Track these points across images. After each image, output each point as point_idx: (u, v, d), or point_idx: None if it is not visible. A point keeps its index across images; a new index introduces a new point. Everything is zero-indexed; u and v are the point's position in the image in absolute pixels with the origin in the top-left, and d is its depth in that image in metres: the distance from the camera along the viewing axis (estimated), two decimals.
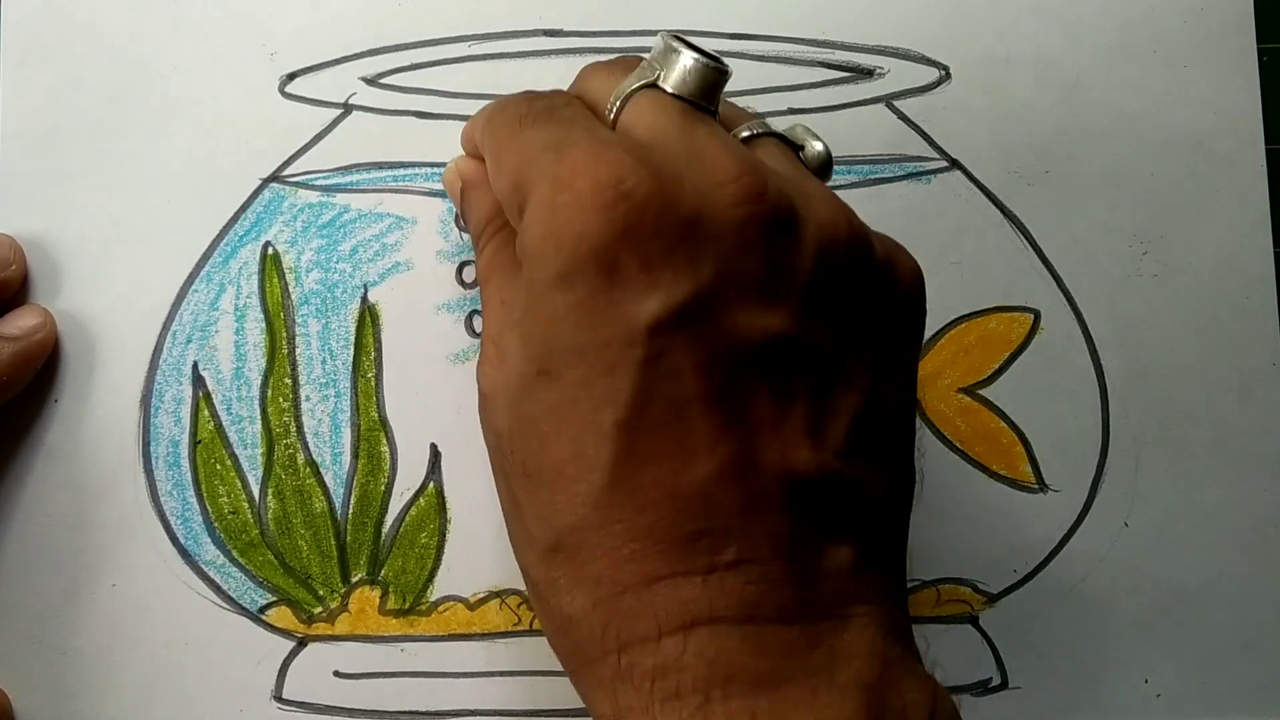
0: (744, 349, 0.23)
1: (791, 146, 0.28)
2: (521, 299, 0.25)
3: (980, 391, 0.38)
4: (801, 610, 0.23)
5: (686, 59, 0.26)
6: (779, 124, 0.29)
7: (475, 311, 0.38)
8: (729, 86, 0.28)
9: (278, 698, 0.37)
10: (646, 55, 0.28)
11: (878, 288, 0.26)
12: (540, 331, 0.24)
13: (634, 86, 0.27)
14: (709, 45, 0.38)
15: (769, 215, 0.24)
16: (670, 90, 0.26)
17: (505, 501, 0.27)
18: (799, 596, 0.23)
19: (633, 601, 0.23)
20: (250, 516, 0.37)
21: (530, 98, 0.29)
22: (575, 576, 0.24)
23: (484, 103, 0.38)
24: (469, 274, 0.38)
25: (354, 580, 0.37)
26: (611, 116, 0.27)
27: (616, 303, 0.23)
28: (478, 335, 0.38)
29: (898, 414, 0.27)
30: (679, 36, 0.27)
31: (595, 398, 0.23)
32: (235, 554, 0.37)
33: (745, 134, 0.28)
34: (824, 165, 0.28)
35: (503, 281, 0.28)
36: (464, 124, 0.32)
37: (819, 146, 0.28)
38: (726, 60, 0.27)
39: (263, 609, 0.37)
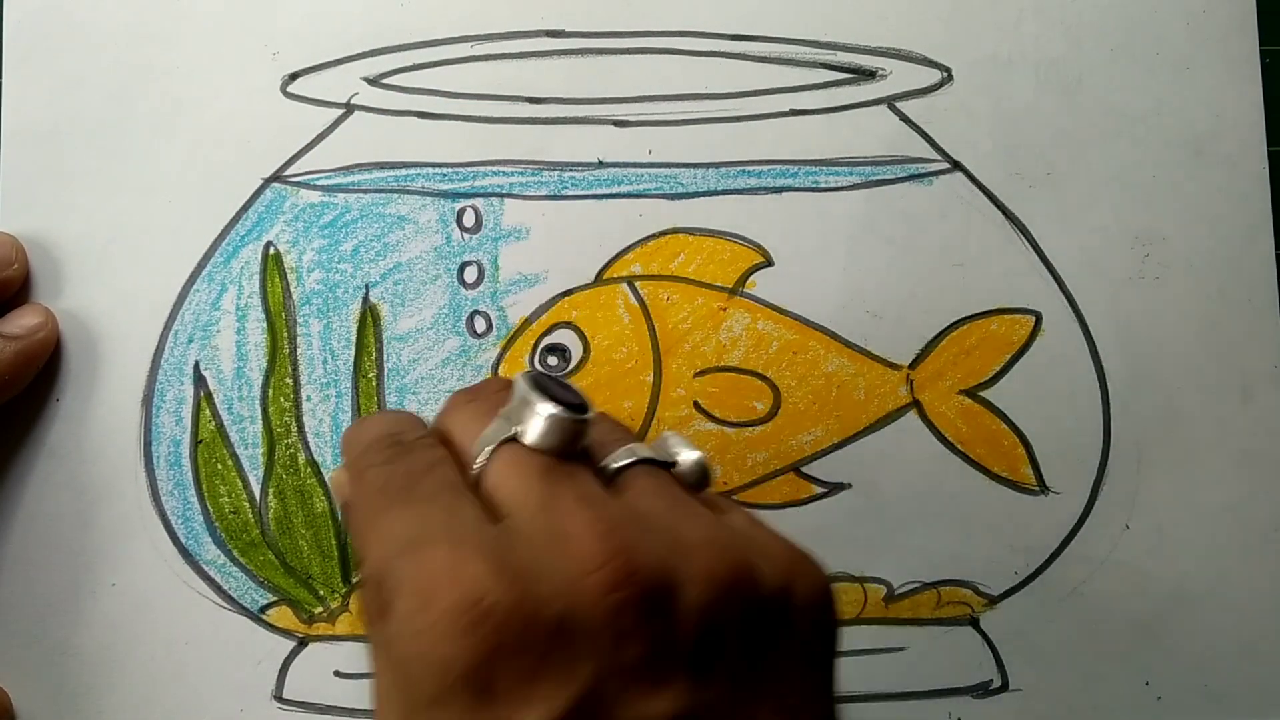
0: None
1: (664, 466, 0.26)
2: (392, 689, 0.24)
3: (981, 393, 0.38)
4: None
5: (541, 412, 0.25)
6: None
7: (476, 311, 0.38)
8: (733, 85, 0.27)
9: (278, 697, 0.37)
10: (508, 400, 0.26)
11: (773, 625, 0.25)
12: None
13: (498, 440, 0.25)
14: (710, 46, 0.38)
15: (641, 598, 0.23)
16: (530, 445, 0.25)
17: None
18: None
19: None
20: (251, 516, 0.37)
21: (392, 455, 0.26)
22: None
23: (486, 104, 0.38)
24: (470, 274, 0.38)
25: (355, 580, 0.37)
26: (475, 471, 0.26)
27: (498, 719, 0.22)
28: (479, 335, 0.38)
29: None
30: (538, 381, 0.26)
31: None
32: (236, 554, 0.37)
33: (615, 466, 0.26)
34: (700, 477, 0.27)
35: (370, 631, 0.26)
36: (344, 435, 0.29)
37: (691, 458, 0.27)
38: (724, 59, 0.27)
39: (263, 609, 0.37)
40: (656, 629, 0.23)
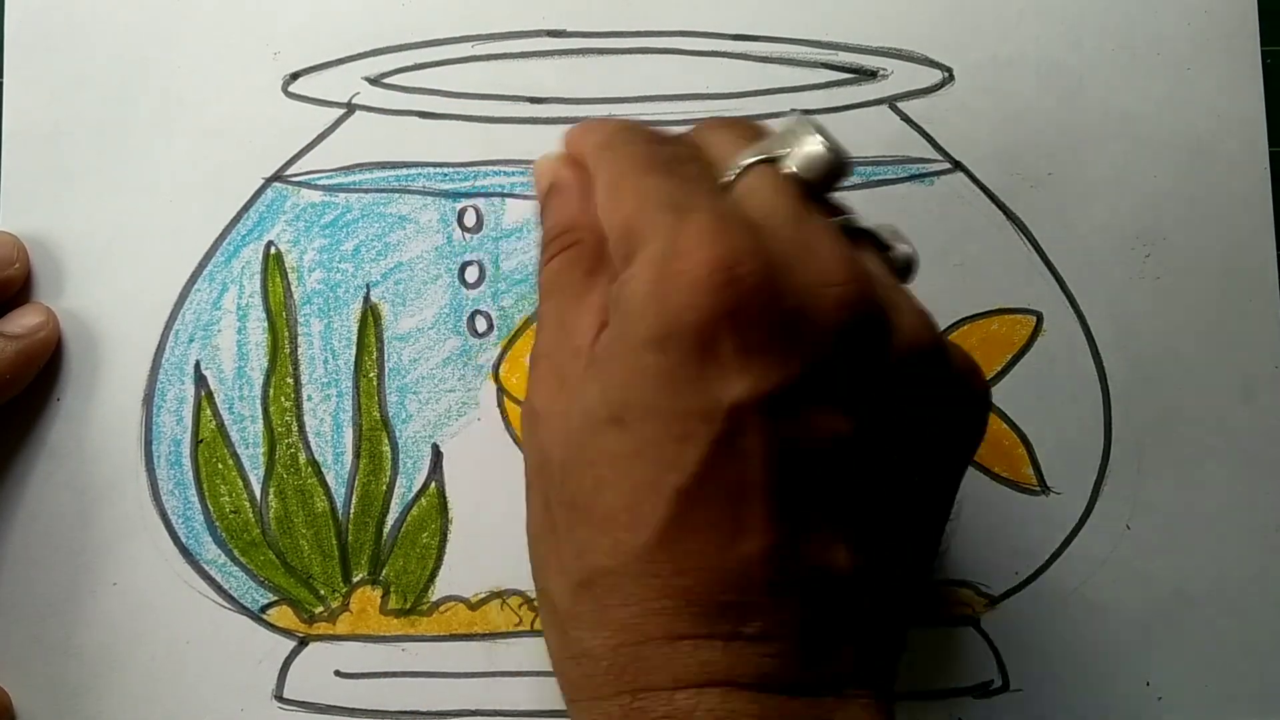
0: (812, 447, 0.24)
1: (880, 246, 0.28)
2: (590, 330, 0.26)
3: None
4: (809, 687, 0.24)
5: (815, 144, 0.27)
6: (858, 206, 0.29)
7: (477, 311, 0.38)
8: (734, 85, 0.27)
9: (279, 697, 0.37)
10: (774, 125, 0.28)
11: (947, 401, 0.27)
12: (621, 381, 0.25)
13: (756, 159, 0.27)
14: (711, 46, 0.38)
15: (866, 323, 0.25)
16: (791, 171, 0.27)
17: (538, 520, 0.28)
18: (808, 675, 0.24)
19: (653, 652, 0.24)
20: (252, 516, 0.37)
21: (654, 139, 0.29)
22: (601, 616, 0.25)
23: (487, 103, 0.38)
24: (471, 274, 0.38)
25: (355, 580, 0.37)
26: (728, 180, 0.27)
27: (704, 378, 0.24)
28: (479, 335, 0.38)
29: (934, 526, 0.28)
30: (812, 119, 0.27)
31: (662, 460, 0.24)
32: (237, 553, 0.37)
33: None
34: (906, 268, 0.29)
35: (566, 301, 0.28)
36: (570, 126, 0.31)
37: (906, 250, 0.29)
38: (725, 59, 0.27)
39: (264, 608, 0.37)
40: (864, 359, 0.25)
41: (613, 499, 0.25)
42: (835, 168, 0.27)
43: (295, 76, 0.38)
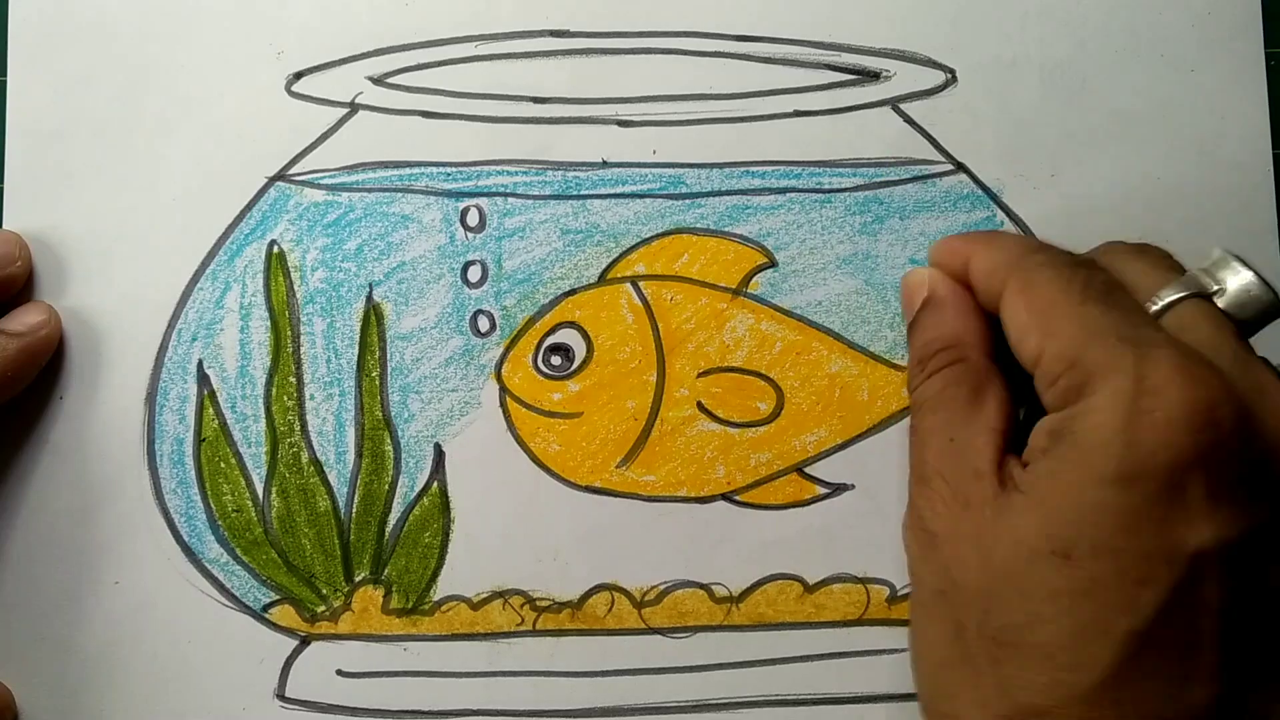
0: (1267, 599, 0.24)
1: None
2: (988, 452, 0.26)
3: None
4: None
5: (1249, 279, 0.26)
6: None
7: (480, 311, 0.38)
8: (737, 86, 0.27)
9: (280, 696, 0.37)
10: (1193, 263, 0.27)
11: None
12: (1071, 516, 0.24)
13: (1185, 293, 0.26)
14: (715, 46, 0.38)
15: None
16: (1224, 307, 0.26)
17: (944, 647, 0.27)
18: None
19: None
20: (254, 515, 0.37)
21: (1069, 261, 0.28)
22: None
23: (490, 103, 0.38)
24: (473, 273, 0.38)
25: (357, 579, 0.37)
26: (1153, 313, 0.26)
27: (1169, 520, 0.23)
28: (482, 335, 0.38)
29: None
30: (1237, 255, 0.27)
31: (1114, 601, 0.24)
32: (239, 552, 0.37)
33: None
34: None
35: (954, 419, 0.27)
36: (942, 240, 0.31)
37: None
38: (728, 60, 0.27)
39: (266, 607, 0.37)
40: None
41: (1051, 635, 0.24)
42: (1268, 307, 0.26)
43: (299, 76, 0.38)
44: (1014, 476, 0.26)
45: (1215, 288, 0.26)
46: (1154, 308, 0.26)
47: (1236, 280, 0.26)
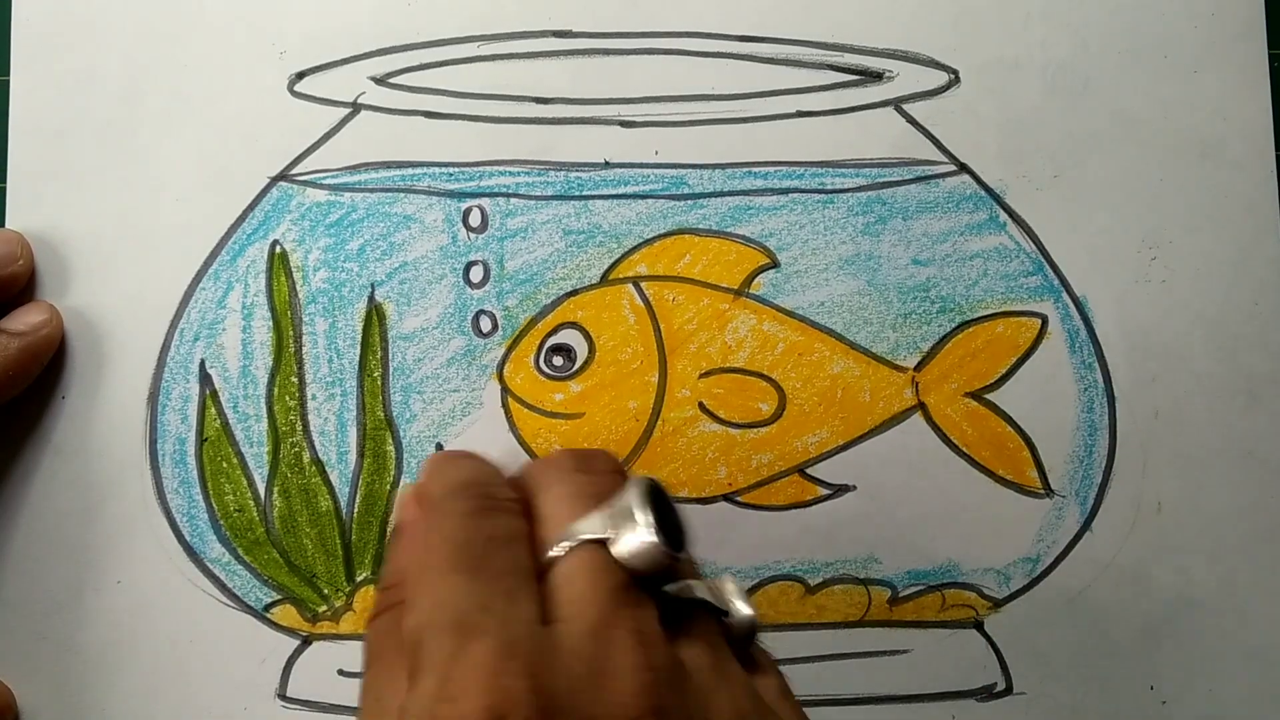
0: None
1: (716, 612, 0.26)
2: (396, 711, 0.24)
3: (987, 396, 0.38)
4: None
5: (642, 535, 0.25)
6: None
7: (482, 311, 0.38)
8: (740, 87, 0.27)
9: (282, 695, 0.37)
10: (616, 496, 0.26)
11: None
12: None
13: (585, 537, 0.25)
14: (717, 47, 0.38)
15: None
16: (616, 556, 0.25)
17: None
18: None
19: None
20: (256, 514, 0.37)
21: (475, 515, 0.26)
22: None
23: (492, 104, 0.38)
24: (475, 274, 0.38)
25: (359, 579, 0.37)
26: (549, 557, 0.25)
27: None
28: (484, 335, 0.38)
29: None
30: (653, 494, 0.26)
31: None
32: (240, 552, 0.37)
33: (671, 591, 0.26)
34: (750, 633, 0.27)
35: (381, 672, 0.26)
36: (429, 458, 0.29)
37: (746, 614, 0.27)
38: (731, 60, 0.27)
39: (268, 607, 0.37)
40: None
41: None
42: (661, 562, 0.25)
43: (301, 76, 0.38)
44: None
45: (613, 532, 0.25)
46: (551, 553, 0.25)
47: (630, 529, 0.25)
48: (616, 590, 0.25)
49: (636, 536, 0.25)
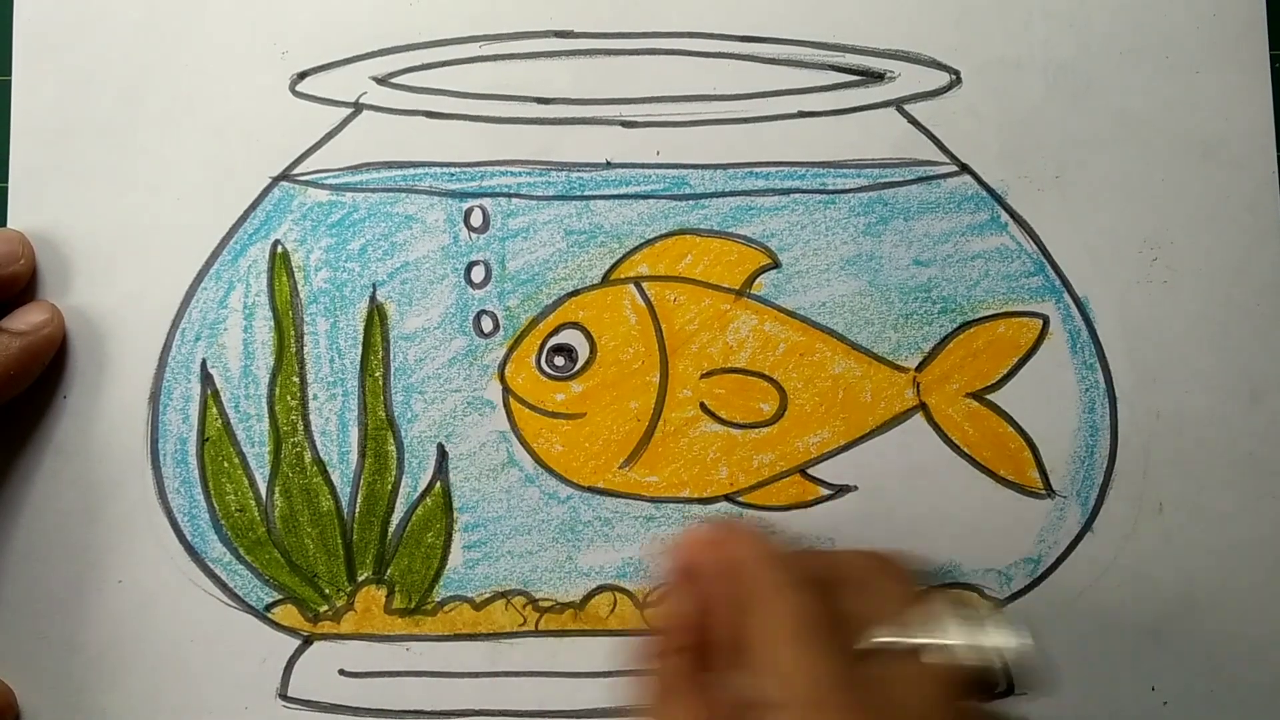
0: None
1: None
2: None
3: (989, 396, 0.38)
4: None
5: (979, 658, 0.26)
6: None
7: (483, 311, 0.38)
8: (741, 87, 0.27)
9: (283, 695, 0.37)
10: (930, 605, 0.27)
11: None
12: None
13: (919, 642, 0.26)
14: (719, 47, 0.38)
15: None
16: (942, 664, 0.26)
17: None
18: None
19: None
20: (257, 514, 0.37)
21: (813, 590, 0.28)
22: None
23: (494, 104, 0.38)
24: (477, 274, 0.38)
25: (360, 579, 0.37)
26: (868, 647, 0.27)
27: None
28: (485, 335, 0.38)
29: None
30: (992, 615, 0.26)
31: None
32: (242, 552, 0.37)
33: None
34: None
35: (672, 705, 0.28)
36: (722, 521, 0.31)
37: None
38: (732, 61, 0.27)
39: (269, 607, 0.37)
40: None
41: None
42: (998, 683, 0.26)
43: (303, 76, 0.38)
44: None
45: (926, 641, 0.26)
46: (869, 643, 0.26)
47: (952, 639, 0.26)
48: (949, 697, 0.26)
49: (973, 654, 0.26)
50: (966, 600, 0.27)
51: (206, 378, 0.37)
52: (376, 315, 0.38)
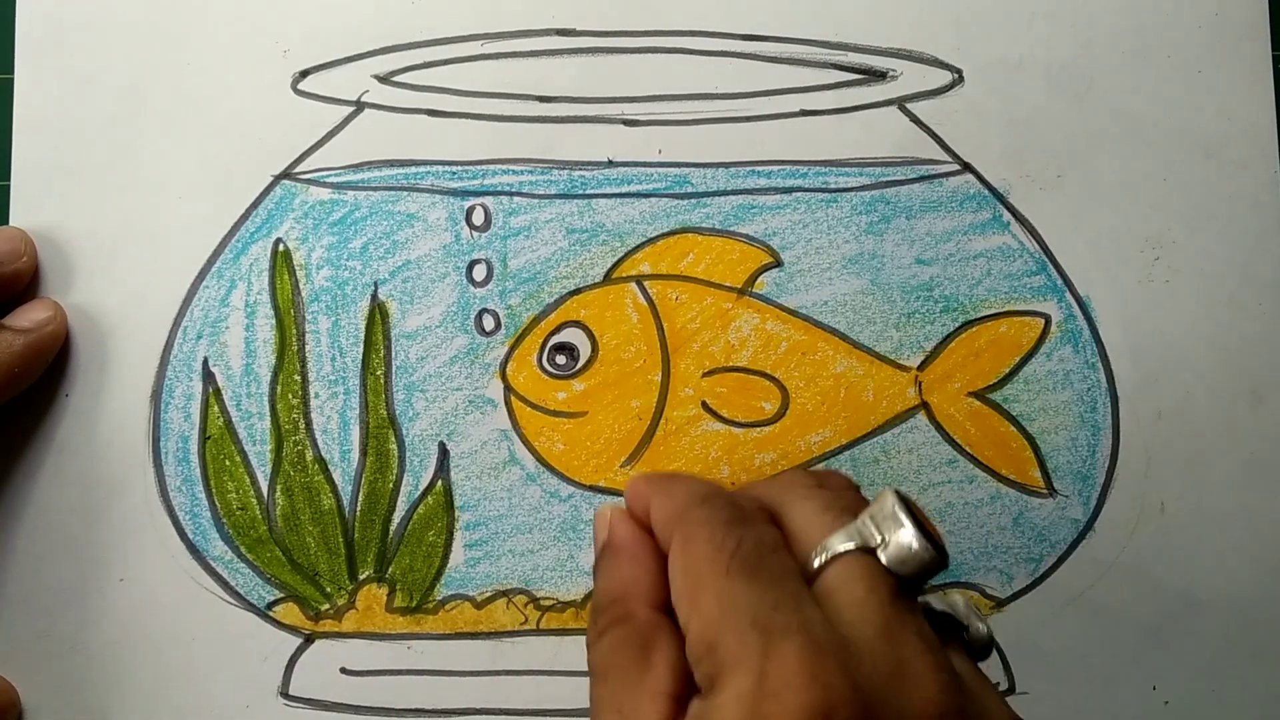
0: None
1: (957, 627, 0.27)
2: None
3: (990, 395, 0.38)
4: None
5: (910, 538, 0.25)
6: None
7: (485, 309, 0.38)
8: (743, 85, 0.27)
9: (284, 694, 0.37)
10: (865, 505, 0.27)
11: None
12: None
13: (846, 548, 0.26)
14: (721, 46, 0.38)
15: None
16: (886, 563, 0.25)
17: None
18: None
19: None
20: (259, 513, 0.37)
21: (733, 516, 0.27)
22: None
23: (496, 102, 0.38)
24: (478, 272, 0.38)
25: (361, 578, 0.37)
26: (815, 568, 0.26)
27: None
28: (487, 333, 0.38)
29: None
30: (905, 501, 0.26)
31: None
32: (243, 550, 0.37)
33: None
34: (985, 648, 0.27)
35: (621, 688, 0.26)
36: (636, 476, 0.30)
37: (983, 630, 0.27)
38: (734, 59, 0.27)
39: (270, 605, 0.37)
40: None
41: None
42: (932, 565, 0.25)
43: (305, 74, 0.38)
44: None
45: (878, 540, 0.26)
46: (815, 563, 0.26)
47: (898, 535, 0.25)
48: (895, 596, 0.25)
49: (905, 543, 0.25)
50: (911, 504, 0.27)
51: (208, 376, 0.37)
52: (378, 313, 0.38)
